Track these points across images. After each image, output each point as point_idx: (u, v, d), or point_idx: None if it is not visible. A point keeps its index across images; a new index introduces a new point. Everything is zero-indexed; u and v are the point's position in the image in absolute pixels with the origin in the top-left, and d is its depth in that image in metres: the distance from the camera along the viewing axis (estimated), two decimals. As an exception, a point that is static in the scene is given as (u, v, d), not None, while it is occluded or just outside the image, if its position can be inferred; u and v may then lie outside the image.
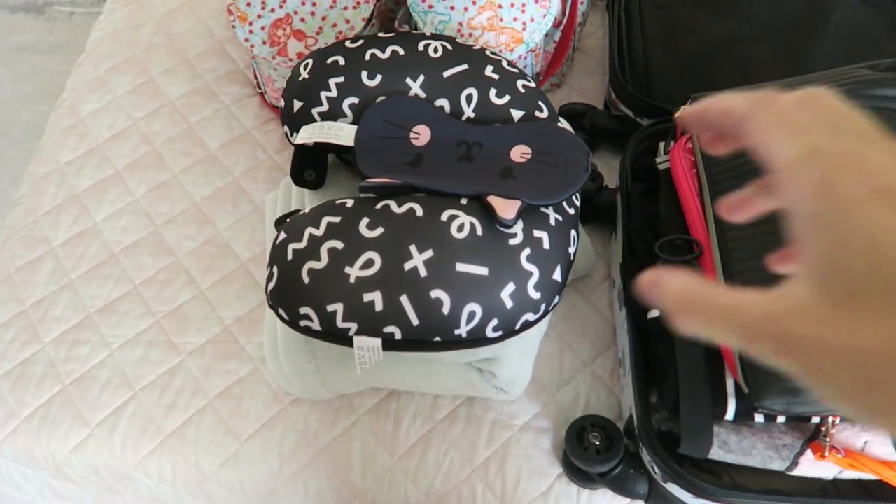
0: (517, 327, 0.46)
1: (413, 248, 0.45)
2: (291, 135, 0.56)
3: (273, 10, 0.64)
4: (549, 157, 0.50)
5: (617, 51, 0.69)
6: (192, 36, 0.84)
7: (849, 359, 0.18)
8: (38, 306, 0.65)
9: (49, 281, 0.67)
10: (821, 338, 0.19)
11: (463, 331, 0.45)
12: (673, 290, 0.24)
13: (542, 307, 0.47)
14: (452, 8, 0.63)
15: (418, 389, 0.57)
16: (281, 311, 0.47)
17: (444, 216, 0.46)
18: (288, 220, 0.51)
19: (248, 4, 0.65)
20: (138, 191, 0.72)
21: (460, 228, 0.46)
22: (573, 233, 0.50)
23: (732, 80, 0.67)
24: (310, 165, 0.56)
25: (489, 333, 0.46)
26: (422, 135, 0.52)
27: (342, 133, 0.51)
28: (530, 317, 0.46)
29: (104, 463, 0.59)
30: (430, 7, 0.63)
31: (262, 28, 0.64)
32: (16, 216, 0.72)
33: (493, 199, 0.46)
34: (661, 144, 0.62)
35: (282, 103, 0.56)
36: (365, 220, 0.47)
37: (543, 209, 0.48)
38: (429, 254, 0.45)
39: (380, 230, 0.46)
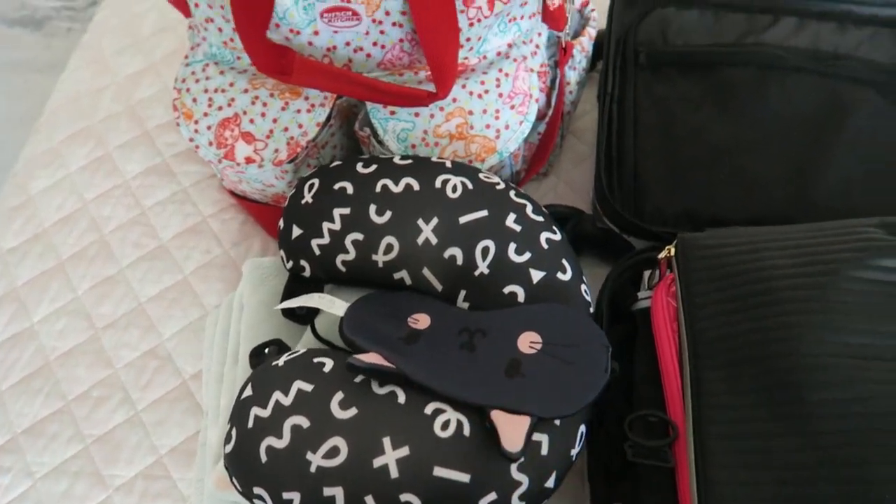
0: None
1: (387, 442, 0.40)
2: (287, 261, 0.52)
3: (221, 109, 0.58)
4: (562, 349, 0.43)
5: (605, 153, 0.62)
6: (154, 104, 0.78)
7: None
8: (-37, 420, 0.61)
9: (-23, 391, 0.62)
10: None
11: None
12: None
13: None
14: (417, 115, 0.56)
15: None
16: (235, 482, 0.42)
17: (429, 409, 0.41)
18: (266, 350, 0.46)
19: (195, 101, 0.58)
20: (81, 287, 0.66)
21: (445, 426, 0.40)
22: (581, 428, 0.44)
23: (731, 194, 0.60)
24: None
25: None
26: (421, 321, 0.46)
27: (334, 305, 0.47)
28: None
29: None
30: (392, 114, 0.56)
31: (209, 128, 0.58)
32: (-49, 310, 0.67)
33: (498, 417, 0.40)
34: (646, 274, 0.55)
35: (280, 224, 0.53)
36: (339, 396, 0.41)
37: None
38: (404, 451, 0.40)
39: (353, 412, 0.41)
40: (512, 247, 0.48)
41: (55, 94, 0.79)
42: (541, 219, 0.50)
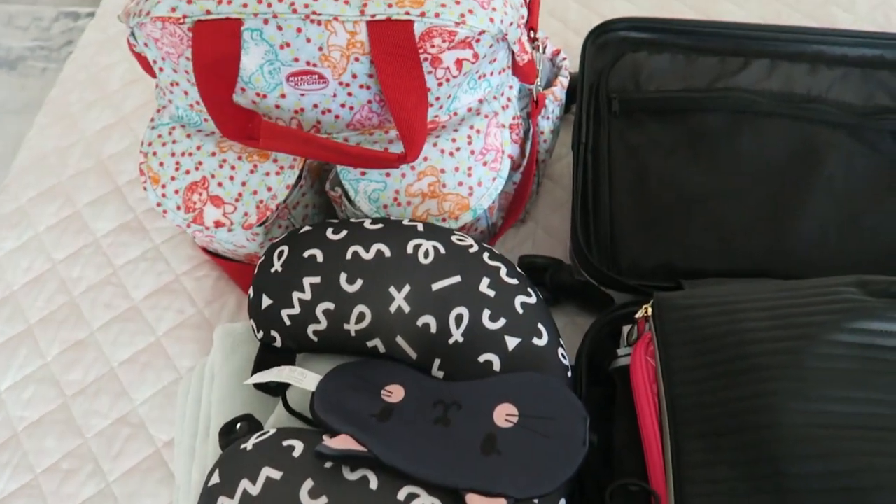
0: None
1: None
2: (258, 331, 0.51)
3: (188, 173, 0.57)
4: (538, 422, 0.42)
5: (581, 206, 0.62)
6: (125, 158, 0.77)
7: None
8: (-73, 498, 0.59)
9: (-58, 465, 0.60)
10: None
11: None
12: None
13: None
14: (388, 175, 0.55)
15: None
16: None
17: (402, 494, 0.39)
18: (237, 426, 0.45)
19: (161, 164, 0.57)
20: (50, 352, 0.65)
21: None
22: (562, 503, 0.42)
23: (707, 243, 0.59)
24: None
25: None
26: (394, 393, 0.45)
27: (304, 379, 0.45)
28: None
29: None
30: (363, 174, 0.55)
31: (176, 192, 0.57)
32: (-85, 379, 0.65)
33: (473, 500, 0.38)
34: (625, 329, 0.55)
35: (250, 294, 0.52)
36: (308, 485, 0.40)
37: None
38: None
39: (323, 500, 0.39)
40: (486, 313, 0.47)
41: (22, 153, 0.78)
42: (515, 281, 0.49)
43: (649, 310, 0.49)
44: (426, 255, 0.49)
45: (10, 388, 0.63)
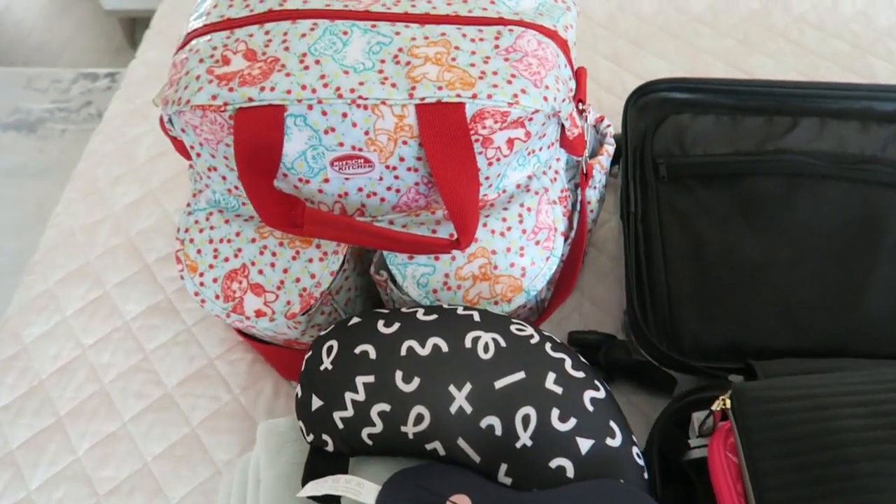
0: None
1: None
2: (307, 434, 0.48)
3: (227, 260, 0.54)
4: None
5: (636, 281, 0.59)
6: (154, 235, 0.75)
7: None
8: None
9: (-31, 574, 0.57)
10: None
11: None
12: None
13: None
14: (437, 258, 0.53)
15: None
16: None
17: None
18: None
19: (199, 252, 0.55)
20: (81, 447, 0.62)
21: None
22: None
23: (772, 319, 0.56)
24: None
25: None
26: None
27: (362, 491, 0.42)
28: None
29: None
30: (411, 258, 0.53)
31: (215, 280, 0.54)
32: (-60, 478, 0.62)
33: None
34: (695, 417, 0.51)
35: (298, 392, 0.48)
36: None
37: None
38: None
39: None
40: (555, 413, 0.44)
41: (49, 231, 0.76)
42: (582, 374, 0.46)
43: (727, 402, 0.46)
44: (486, 348, 0.46)
45: (40, 487, 0.60)
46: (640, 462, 0.45)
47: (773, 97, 0.69)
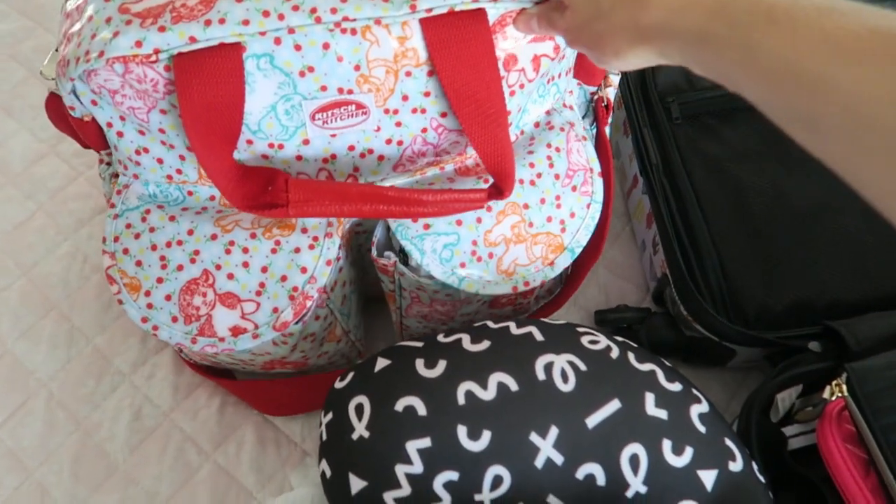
0: None
1: None
2: None
3: (181, 268, 0.41)
4: None
5: (676, 242, 0.49)
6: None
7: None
8: None
9: None
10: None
11: None
12: None
13: None
14: (460, 223, 0.41)
15: None
16: None
17: None
18: None
19: (139, 264, 0.41)
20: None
21: None
22: None
23: (840, 269, 0.47)
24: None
25: None
26: None
27: None
28: None
29: None
30: (427, 228, 0.41)
31: (168, 297, 0.40)
32: None
33: None
34: (778, 399, 0.43)
35: (325, 471, 0.35)
36: None
37: None
38: None
39: None
40: (666, 445, 0.34)
41: None
42: (679, 386, 0.36)
43: (843, 387, 0.37)
44: (564, 377, 0.35)
45: None
46: (763, 479, 0.36)
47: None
